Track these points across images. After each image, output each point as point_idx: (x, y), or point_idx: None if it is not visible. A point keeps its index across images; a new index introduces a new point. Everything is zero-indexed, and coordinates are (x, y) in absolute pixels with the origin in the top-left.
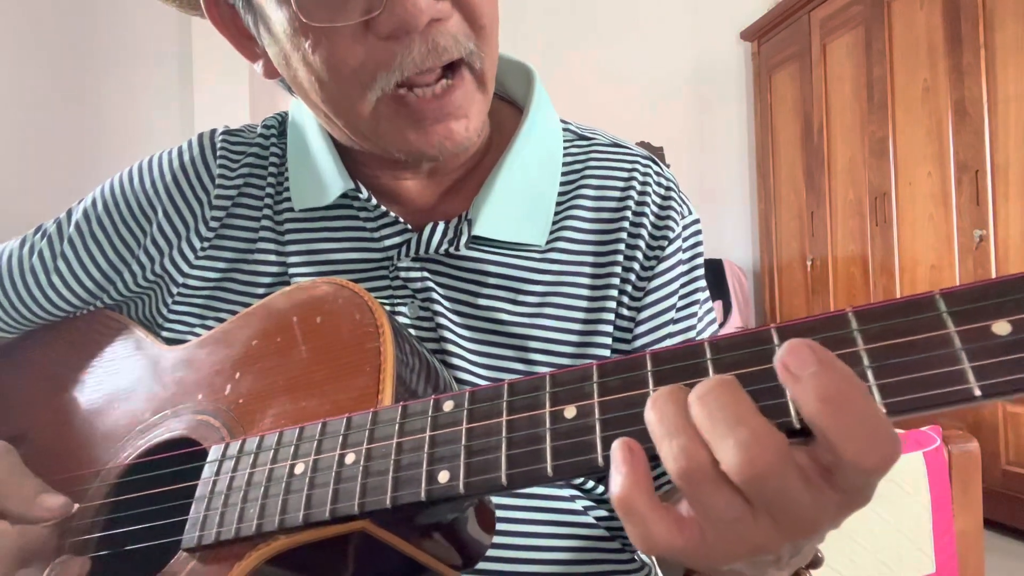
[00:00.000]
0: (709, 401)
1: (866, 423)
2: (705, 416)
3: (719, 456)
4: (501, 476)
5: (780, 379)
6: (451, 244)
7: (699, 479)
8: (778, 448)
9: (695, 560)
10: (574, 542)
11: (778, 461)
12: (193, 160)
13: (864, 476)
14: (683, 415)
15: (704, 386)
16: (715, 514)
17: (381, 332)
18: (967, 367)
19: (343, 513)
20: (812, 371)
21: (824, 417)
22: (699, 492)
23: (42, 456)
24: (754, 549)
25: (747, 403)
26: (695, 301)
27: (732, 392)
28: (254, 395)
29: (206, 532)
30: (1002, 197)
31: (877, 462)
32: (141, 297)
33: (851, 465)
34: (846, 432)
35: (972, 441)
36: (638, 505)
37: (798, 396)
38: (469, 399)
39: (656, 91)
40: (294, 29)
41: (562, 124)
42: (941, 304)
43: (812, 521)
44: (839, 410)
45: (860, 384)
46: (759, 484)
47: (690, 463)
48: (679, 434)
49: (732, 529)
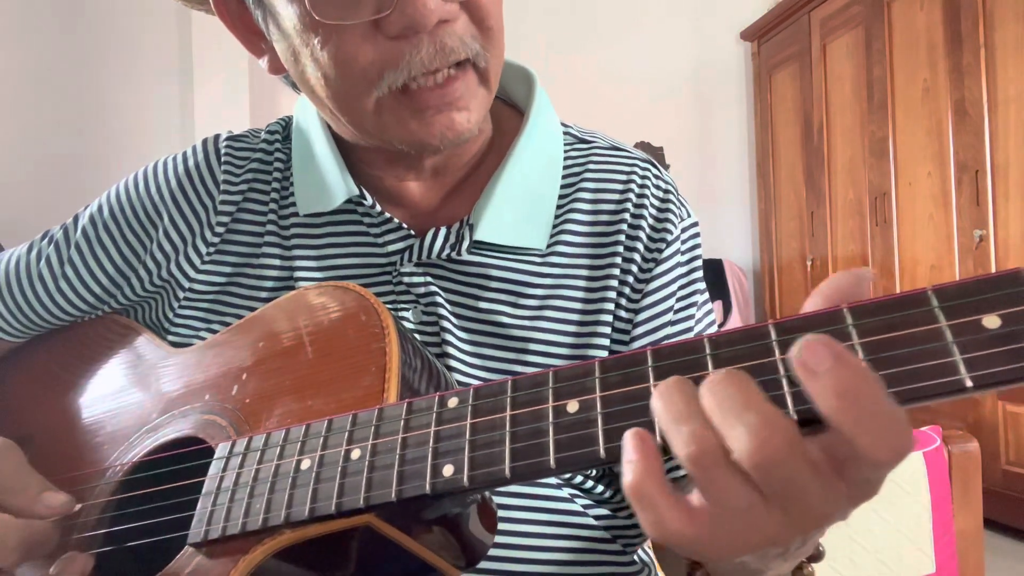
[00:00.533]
0: (719, 390)
1: (881, 416)
2: (715, 404)
3: (730, 442)
4: (505, 469)
5: (797, 375)
6: (453, 249)
7: (710, 464)
8: (788, 433)
9: (706, 550)
10: (574, 543)
11: (788, 446)
12: (198, 165)
13: (876, 468)
14: (691, 403)
15: (714, 377)
16: (726, 502)
17: (387, 333)
18: (959, 359)
19: (348, 507)
20: (828, 366)
21: (841, 411)
22: (710, 479)
23: (50, 456)
24: (764, 540)
25: (756, 392)
26: (693, 303)
27: (742, 382)
28: (261, 395)
29: (212, 527)
30: (1002, 197)
31: (891, 454)
32: (148, 301)
33: (865, 457)
34: (861, 425)
35: (972, 441)
36: (651, 492)
37: (815, 391)
38: (473, 395)
39: (656, 91)
40: (304, 25)
41: (562, 127)
42: (933, 299)
43: (822, 511)
44: (855, 404)
45: (875, 378)
46: (770, 470)
47: (700, 448)
48: (688, 420)
49: (743, 519)
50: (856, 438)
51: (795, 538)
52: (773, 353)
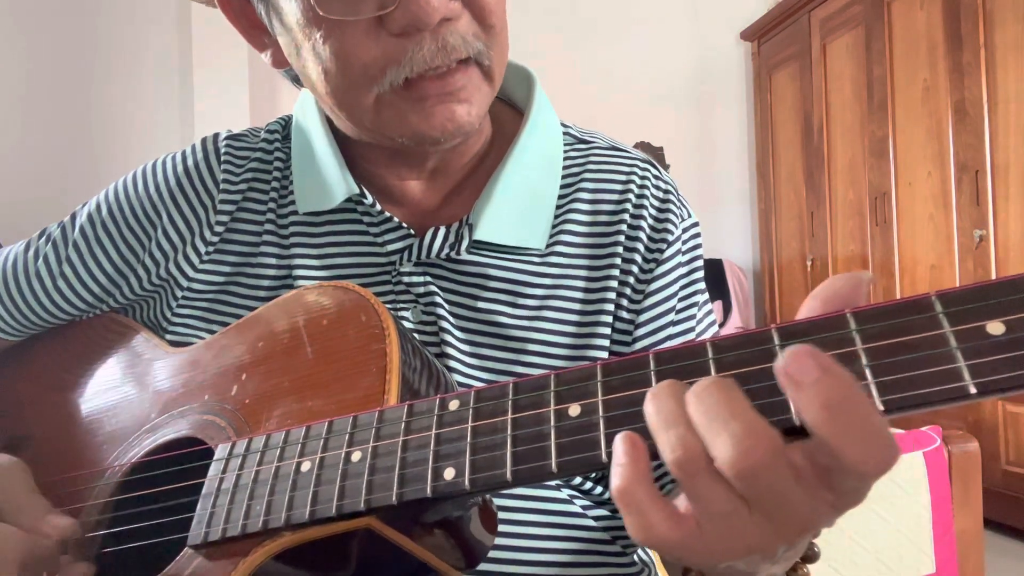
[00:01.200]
0: (704, 397)
1: (866, 428)
2: (701, 412)
3: (713, 451)
4: (506, 472)
5: (781, 386)
6: (452, 249)
7: (694, 471)
8: (771, 443)
9: (692, 555)
10: (572, 544)
11: (771, 456)
12: (197, 164)
13: (861, 479)
14: (680, 408)
15: (701, 384)
16: (711, 508)
17: (387, 334)
18: (963, 365)
19: (349, 509)
20: (815, 378)
21: (826, 423)
22: (695, 484)
23: (48, 456)
24: (750, 547)
25: (742, 400)
26: (694, 303)
27: (728, 390)
28: (260, 395)
29: (212, 528)
30: (1002, 197)
31: (876, 466)
32: (146, 300)
33: (851, 468)
34: (847, 437)
35: (972, 441)
36: (638, 496)
37: (800, 403)
38: (474, 398)
39: (656, 91)
40: (308, 20)
41: (562, 127)
42: (937, 305)
43: (806, 519)
44: (840, 416)
45: (860, 390)
46: (752, 479)
47: (686, 453)
48: (676, 425)
49: (727, 524)
50: (842, 450)
51: (780, 545)
52: (775, 358)
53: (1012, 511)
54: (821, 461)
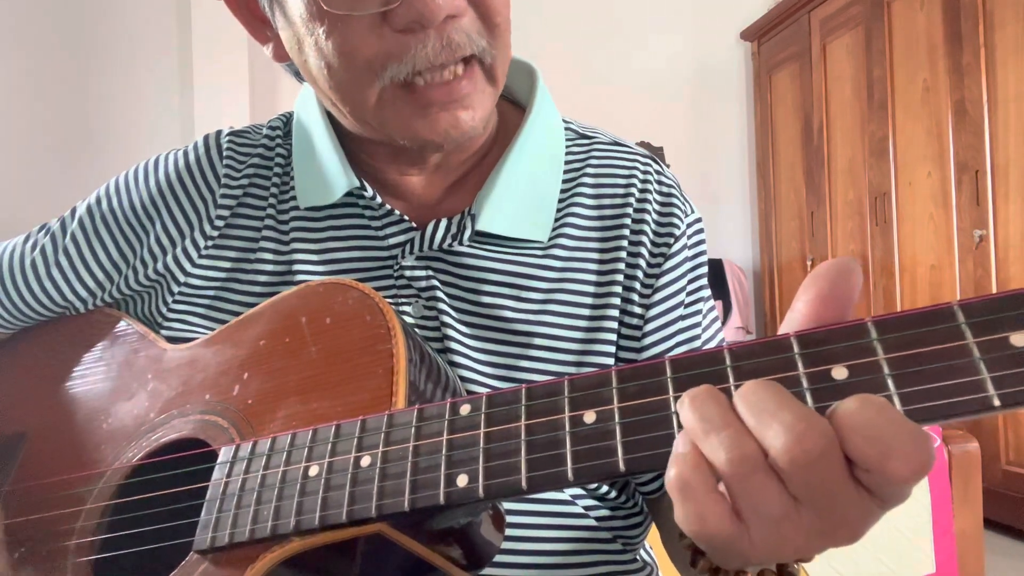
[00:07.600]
0: (751, 396)
1: (905, 440)
2: (748, 409)
3: (767, 444)
4: (521, 479)
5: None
6: (454, 239)
7: (748, 471)
8: (824, 429)
9: (735, 553)
10: (575, 544)
11: (825, 442)
12: (199, 160)
13: (904, 485)
14: (726, 411)
15: (747, 385)
16: (763, 510)
17: (393, 334)
18: (987, 377)
19: (360, 516)
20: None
21: (866, 449)
22: (748, 485)
23: (44, 456)
24: (795, 551)
25: (789, 395)
26: (700, 299)
27: (774, 388)
28: (263, 396)
29: (219, 534)
30: (1002, 197)
31: (918, 472)
32: (142, 295)
33: (894, 478)
34: (889, 456)
35: (972, 441)
36: (697, 486)
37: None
38: (486, 403)
39: (656, 91)
40: (311, 14)
41: (564, 123)
42: (959, 315)
43: (854, 521)
44: (880, 441)
45: (891, 407)
46: (807, 469)
47: (740, 451)
48: (726, 427)
49: (777, 529)
50: (884, 467)
51: (824, 548)
52: (796, 366)
53: (1012, 511)
54: (863, 478)
